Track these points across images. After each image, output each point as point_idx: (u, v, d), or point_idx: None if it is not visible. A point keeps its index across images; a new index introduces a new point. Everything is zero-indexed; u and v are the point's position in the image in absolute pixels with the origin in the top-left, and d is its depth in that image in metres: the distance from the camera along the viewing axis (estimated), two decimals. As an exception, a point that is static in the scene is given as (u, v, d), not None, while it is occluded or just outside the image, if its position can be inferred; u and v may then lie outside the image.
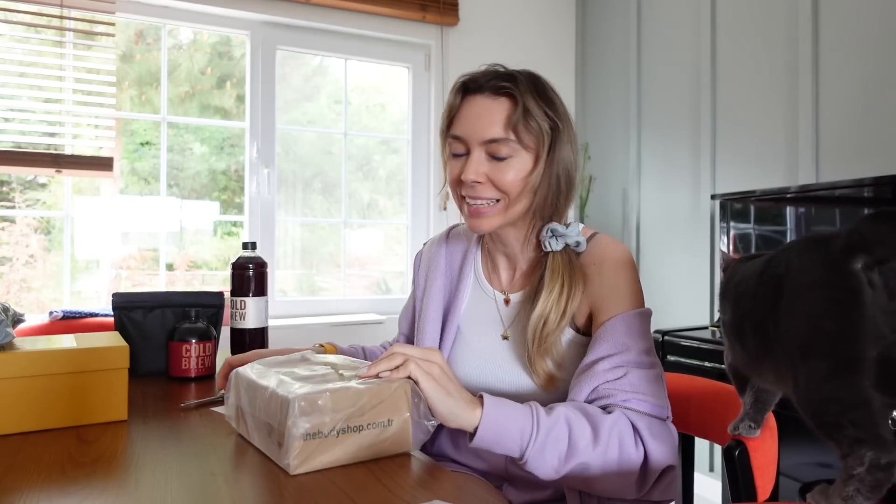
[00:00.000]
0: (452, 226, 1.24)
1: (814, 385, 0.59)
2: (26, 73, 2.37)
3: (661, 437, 0.86)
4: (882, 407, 0.56)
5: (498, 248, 1.08)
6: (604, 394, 0.89)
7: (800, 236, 1.92)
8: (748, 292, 0.69)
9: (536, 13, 3.27)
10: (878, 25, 2.01)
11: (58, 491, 0.70)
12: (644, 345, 0.93)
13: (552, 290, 0.97)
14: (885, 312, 0.55)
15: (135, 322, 1.31)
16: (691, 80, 2.69)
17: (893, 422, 0.57)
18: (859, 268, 0.56)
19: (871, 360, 0.56)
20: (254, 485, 0.72)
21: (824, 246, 0.60)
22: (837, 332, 0.57)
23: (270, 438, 0.80)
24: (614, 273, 0.98)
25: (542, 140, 0.97)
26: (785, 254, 0.65)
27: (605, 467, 0.83)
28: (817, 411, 0.59)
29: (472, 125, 0.98)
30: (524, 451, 0.81)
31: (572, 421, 0.83)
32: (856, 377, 0.56)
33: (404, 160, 3.12)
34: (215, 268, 2.85)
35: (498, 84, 0.98)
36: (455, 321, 1.09)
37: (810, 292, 0.60)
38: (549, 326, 0.96)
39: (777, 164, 2.32)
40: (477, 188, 0.98)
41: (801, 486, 1.72)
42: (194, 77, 2.81)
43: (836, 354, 0.57)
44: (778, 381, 0.69)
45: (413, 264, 1.25)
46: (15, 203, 2.52)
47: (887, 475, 0.56)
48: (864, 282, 0.56)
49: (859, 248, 0.57)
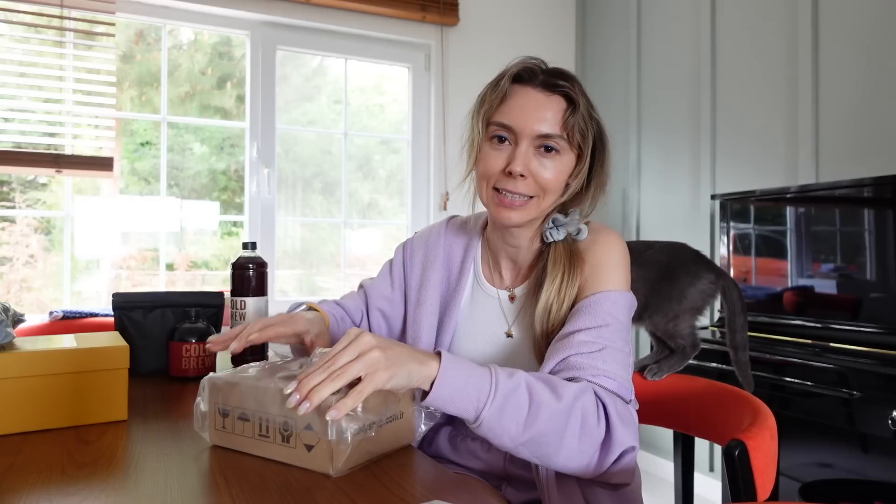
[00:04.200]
0: (451, 216, 1.21)
1: (671, 317, 1.30)
2: (26, 73, 2.37)
3: (625, 418, 0.84)
4: (691, 329, 1.31)
5: (505, 244, 1.06)
6: (575, 365, 0.87)
7: (800, 235, 1.92)
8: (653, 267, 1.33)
9: (536, 13, 3.27)
10: (878, 25, 2.01)
11: (58, 491, 0.70)
12: (623, 325, 0.93)
13: (554, 280, 0.96)
14: (701, 293, 1.30)
15: (135, 322, 1.31)
16: (691, 80, 2.69)
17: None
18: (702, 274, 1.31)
19: (690, 310, 1.30)
20: (253, 485, 0.72)
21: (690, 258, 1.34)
22: (686, 296, 1.30)
23: (289, 443, 0.78)
24: (603, 252, 0.98)
25: (587, 142, 0.97)
26: (671, 252, 1.34)
27: (564, 440, 0.79)
28: (670, 331, 1.30)
29: (525, 116, 0.95)
30: (479, 412, 0.76)
31: (534, 387, 0.79)
32: (686, 315, 1.30)
33: (404, 160, 3.12)
34: (215, 268, 2.85)
35: (555, 81, 0.96)
36: (453, 317, 1.07)
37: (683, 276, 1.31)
38: (552, 317, 0.95)
39: (777, 164, 2.32)
40: (519, 182, 0.96)
41: (800, 486, 1.72)
42: (194, 77, 2.81)
43: (682, 305, 1.30)
44: (656, 320, 1.31)
45: (400, 253, 1.19)
46: (15, 203, 2.52)
47: (684, 362, 1.28)
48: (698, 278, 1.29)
49: (704, 264, 1.32)
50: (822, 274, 1.86)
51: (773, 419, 0.93)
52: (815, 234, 1.88)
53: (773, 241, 2.01)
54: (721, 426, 1.05)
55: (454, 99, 3.04)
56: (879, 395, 1.49)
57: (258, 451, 0.82)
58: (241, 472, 0.76)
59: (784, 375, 1.73)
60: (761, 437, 0.86)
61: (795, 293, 1.93)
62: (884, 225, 1.71)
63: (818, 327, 1.84)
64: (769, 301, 2.00)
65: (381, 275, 1.21)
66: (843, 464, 1.65)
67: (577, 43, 3.35)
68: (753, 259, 2.07)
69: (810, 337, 1.83)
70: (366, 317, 1.19)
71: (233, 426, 0.84)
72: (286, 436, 0.78)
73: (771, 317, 1.98)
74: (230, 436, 0.84)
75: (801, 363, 1.69)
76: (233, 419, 0.84)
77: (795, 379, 1.70)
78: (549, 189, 0.97)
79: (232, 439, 0.84)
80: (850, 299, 1.78)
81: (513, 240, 1.04)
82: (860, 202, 1.78)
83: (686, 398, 1.16)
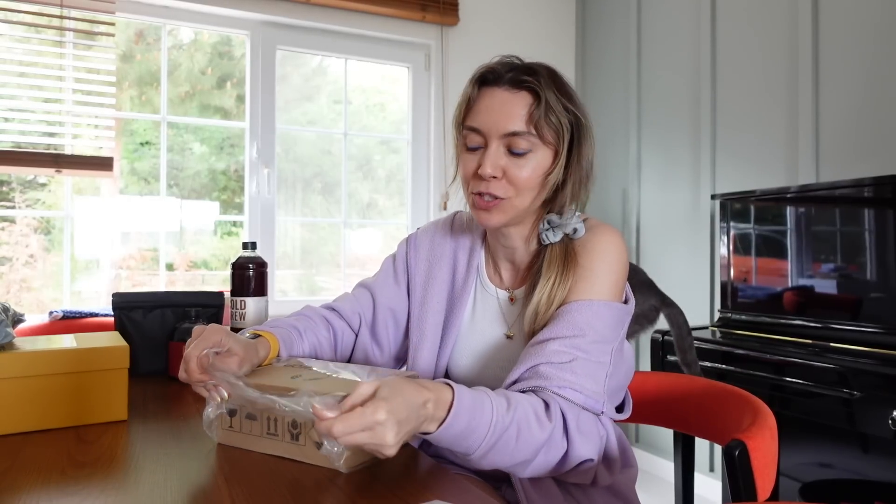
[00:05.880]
0: (456, 212, 1.18)
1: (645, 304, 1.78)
2: (26, 73, 2.37)
3: (587, 433, 0.86)
4: (651, 309, 1.82)
5: (501, 246, 1.06)
6: (543, 374, 0.86)
7: (800, 235, 1.92)
8: None
9: (536, 13, 3.27)
10: (878, 26, 2.01)
11: (58, 491, 0.70)
12: (603, 335, 0.90)
13: (547, 281, 0.95)
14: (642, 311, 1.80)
15: (135, 322, 1.31)
16: (691, 80, 2.69)
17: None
18: None
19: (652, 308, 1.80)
20: (253, 485, 0.72)
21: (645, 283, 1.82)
22: None
23: (297, 440, 0.79)
24: (596, 254, 0.96)
25: (562, 136, 0.96)
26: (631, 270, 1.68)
27: (526, 459, 0.82)
28: (645, 312, 1.80)
29: (491, 117, 0.95)
30: (471, 452, 0.78)
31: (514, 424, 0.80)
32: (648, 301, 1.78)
33: (404, 160, 3.12)
34: (215, 268, 2.85)
35: (518, 77, 0.95)
36: (459, 318, 1.06)
37: None
38: (539, 318, 0.94)
39: (777, 164, 2.32)
40: (492, 183, 0.95)
41: (800, 486, 1.72)
42: (194, 77, 2.81)
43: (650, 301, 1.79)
44: None
45: (403, 248, 1.16)
46: (15, 203, 2.52)
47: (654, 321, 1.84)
48: None
49: (654, 291, 1.83)
50: (823, 274, 1.86)
51: (774, 419, 0.93)
52: (816, 234, 1.88)
53: (774, 240, 2.01)
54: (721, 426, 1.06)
55: (454, 99, 3.02)
56: (880, 395, 1.49)
57: (268, 449, 0.82)
58: (242, 473, 0.76)
59: (784, 375, 1.73)
60: (761, 437, 0.86)
61: (796, 293, 1.93)
62: (884, 225, 1.71)
63: (818, 327, 1.84)
64: (769, 301, 2.00)
65: (383, 272, 1.16)
66: (843, 464, 1.65)
67: (577, 43, 3.35)
68: (754, 259, 2.07)
69: (810, 337, 1.83)
70: (367, 320, 1.13)
71: (240, 425, 0.85)
72: (295, 433, 0.79)
73: (771, 317, 1.98)
74: (238, 435, 0.85)
75: (801, 363, 1.69)
76: (240, 419, 0.85)
77: (796, 379, 1.70)
78: (522, 187, 0.95)
79: (240, 438, 0.85)
80: (850, 299, 1.78)
81: (506, 241, 1.04)
82: (860, 202, 1.78)
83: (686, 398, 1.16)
